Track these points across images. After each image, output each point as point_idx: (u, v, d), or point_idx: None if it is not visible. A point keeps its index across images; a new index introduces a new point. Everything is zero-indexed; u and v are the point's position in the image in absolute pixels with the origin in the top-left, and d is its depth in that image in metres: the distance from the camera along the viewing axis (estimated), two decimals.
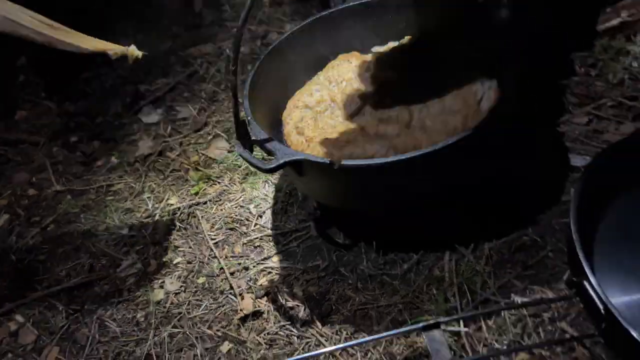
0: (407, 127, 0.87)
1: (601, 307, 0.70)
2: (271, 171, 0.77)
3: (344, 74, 0.96)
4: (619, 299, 0.81)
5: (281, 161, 0.76)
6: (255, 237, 0.99)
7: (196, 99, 1.29)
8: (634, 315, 0.80)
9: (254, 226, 1.01)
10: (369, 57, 0.98)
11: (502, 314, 0.79)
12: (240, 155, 0.79)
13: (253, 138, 0.80)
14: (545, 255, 0.85)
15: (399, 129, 0.86)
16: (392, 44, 0.98)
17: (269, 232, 0.99)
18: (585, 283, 0.72)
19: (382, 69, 0.95)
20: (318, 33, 1.00)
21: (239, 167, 1.11)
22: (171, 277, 0.96)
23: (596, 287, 0.71)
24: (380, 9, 1.00)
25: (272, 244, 0.98)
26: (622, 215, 0.89)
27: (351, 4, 1.00)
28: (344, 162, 0.74)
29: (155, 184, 1.13)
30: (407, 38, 0.98)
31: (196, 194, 1.09)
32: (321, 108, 0.94)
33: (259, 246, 0.98)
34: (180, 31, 1.48)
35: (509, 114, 0.81)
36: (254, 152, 0.81)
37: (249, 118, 0.84)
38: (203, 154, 1.16)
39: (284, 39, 0.98)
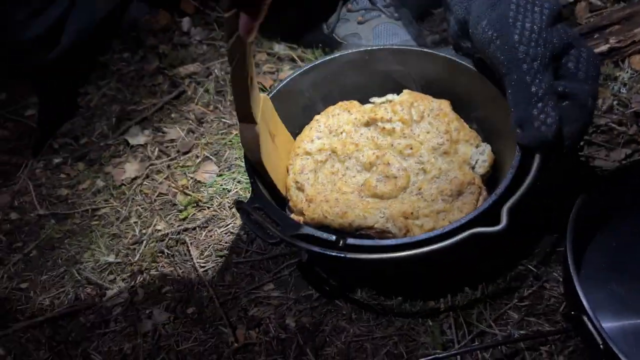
0: (403, 189, 0.86)
1: (600, 342, 0.70)
2: (277, 244, 0.76)
3: (344, 125, 0.93)
4: (613, 325, 0.82)
5: (288, 235, 0.75)
6: (245, 264, 0.97)
7: (184, 120, 1.27)
8: (629, 342, 0.81)
9: (245, 253, 0.99)
10: (368, 108, 0.95)
11: (500, 347, 0.78)
12: (246, 224, 0.78)
13: (255, 205, 0.78)
14: (541, 285, 0.85)
15: (396, 190, 0.85)
16: (390, 97, 0.96)
17: (260, 258, 0.98)
18: (584, 318, 0.72)
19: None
20: (316, 79, 0.98)
21: (229, 191, 1.09)
22: (159, 307, 0.94)
23: (595, 322, 0.71)
24: (378, 58, 0.98)
25: (263, 271, 0.96)
26: (613, 244, 0.90)
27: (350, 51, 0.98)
28: (349, 240, 0.75)
29: (142, 208, 1.11)
30: (405, 91, 0.96)
31: (184, 219, 1.07)
32: (322, 157, 0.92)
33: (249, 274, 0.96)
34: (167, 50, 1.45)
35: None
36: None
37: (251, 181, 0.83)
38: (191, 178, 1.14)
39: (282, 86, 0.96)
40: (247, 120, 0.80)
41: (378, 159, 0.90)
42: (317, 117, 0.98)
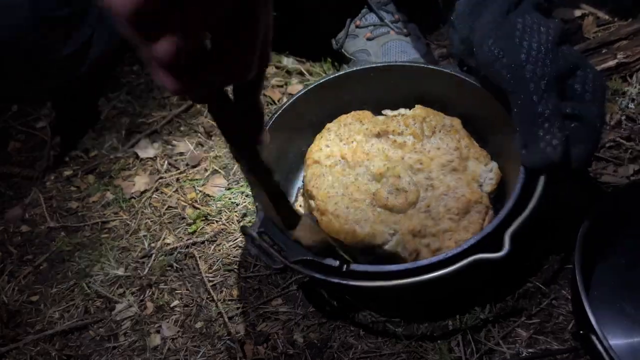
0: (412, 205, 0.85)
1: None
2: (280, 271, 0.74)
3: (355, 135, 0.93)
4: (622, 343, 0.82)
5: (291, 261, 0.73)
6: (254, 279, 0.98)
7: (193, 134, 1.28)
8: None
9: (253, 267, 1.00)
10: (380, 119, 0.96)
11: None
12: (250, 250, 0.76)
13: (260, 230, 0.75)
14: (550, 303, 0.85)
15: (406, 205, 0.85)
16: (403, 110, 0.97)
17: (268, 273, 0.98)
18: (593, 337, 0.71)
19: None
20: (326, 94, 0.99)
21: (237, 205, 1.10)
22: (168, 321, 0.94)
23: (604, 341, 0.71)
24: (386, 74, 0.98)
25: (271, 286, 0.96)
26: (622, 262, 0.89)
27: (357, 67, 0.99)
28: (352, 266, 0.74)
29: (151, 221, 1.11)
30: (418, 107, 0.96)
31: (193, 232, 1.07)
32: (331, 162, 0.92)
33: (258, 289, 0.96)
34: None
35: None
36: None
37: (256, 205, 0.81)
38: (200, 191, 1.15)
39: (287, 106, 0.96)
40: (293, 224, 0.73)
41: (388, 170, 0.89)
42: (328, 125, 0.98)
